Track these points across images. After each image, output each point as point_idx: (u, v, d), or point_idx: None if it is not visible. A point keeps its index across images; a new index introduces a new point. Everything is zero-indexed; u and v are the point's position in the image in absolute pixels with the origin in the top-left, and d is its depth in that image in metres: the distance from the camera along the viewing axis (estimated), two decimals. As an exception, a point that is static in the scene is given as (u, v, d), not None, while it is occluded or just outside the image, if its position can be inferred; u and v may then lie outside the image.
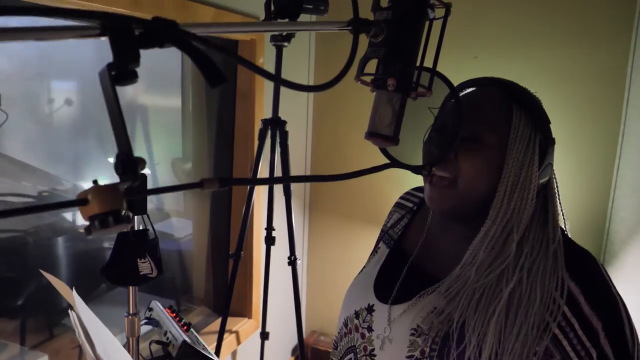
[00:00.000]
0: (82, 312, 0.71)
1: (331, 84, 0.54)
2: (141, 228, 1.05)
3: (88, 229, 0.38)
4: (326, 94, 2.64)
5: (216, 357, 1.21)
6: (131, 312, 1.12)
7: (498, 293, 0.73)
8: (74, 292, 0.78)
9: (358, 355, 0.87)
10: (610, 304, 0.72)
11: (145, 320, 1.24)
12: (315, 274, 2.89)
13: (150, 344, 1.19)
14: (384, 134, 0.67)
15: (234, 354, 2.24)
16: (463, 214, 0.81)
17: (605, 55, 2.05)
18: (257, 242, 2.21)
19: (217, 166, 2.22)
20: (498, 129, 0.77)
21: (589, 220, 2.17)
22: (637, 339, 0.72)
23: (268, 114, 1.83)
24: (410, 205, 1.01)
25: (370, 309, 0.87)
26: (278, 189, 1.88)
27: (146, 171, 2.03)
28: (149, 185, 2.12)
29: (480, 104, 0.79)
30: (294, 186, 2.54)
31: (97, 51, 1.58)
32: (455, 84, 0.80)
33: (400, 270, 0.89)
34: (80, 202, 0.37)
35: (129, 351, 1.14)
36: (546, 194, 0.81)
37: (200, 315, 2.28)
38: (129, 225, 0.39)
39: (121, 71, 0.41)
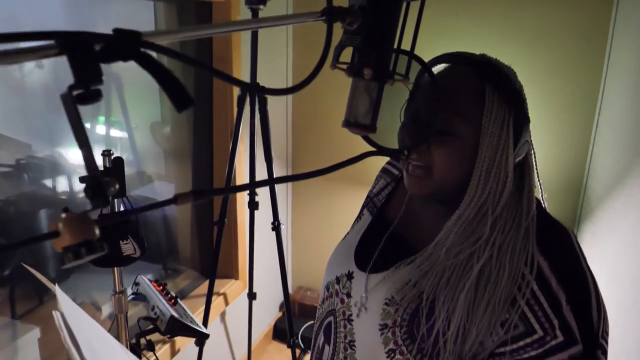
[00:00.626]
0: (67, 310, 0.71)
1: (305, 83, 0.53)
2: (121, 209, 1.04)
3: (62, 260, 0.37)
4: (305, 55, 2.58)
5: (203, 328, 1.24)
6: (117, 290, 1.13)
7: (469, 269, 0.75)
8: (57, 288, 0.78)
9: (337, 319, 0.90)
10: (577, 278, 0.73)
11: (132, 296, 1.25)
12: (301, 233, 2.93)
13: (138, 320, 1.21)
14: (361, 123, 0.66)
15: (222, 314, 2.29)
16: (441, 197, 0.81)
17: (587, 12, 2.02)
18: (240, 207, 2.22)
19: (197, 131, 2.19)
20: (470, 116, 0.75)
21: (567, 176, 2.21)
22: (604, 312, 0.73)
23: (246, 78, 1.80)
24: (396, 172, 1.00)
25: (349, 276, 0.89)
26: (260, 154, 1.87)
27: (122, 136, 1.96)
28: (127, 151, 2.09)
29: (452, 88, 0.76)
30: (275, 148, 2.53)
31: (66, 7, 1.51)
32: (436, 42, 0.78)
33: (381, 238, 0.91)
34: (52, 234, 0.37)
35: (117, 328, 1.15)
36: (523, 171, 0.80)
37: (188, 279, 2.31)
38: (103, 253, 0.39)
39: (83, 92, 0.39)
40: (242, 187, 1.22)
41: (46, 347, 1.59)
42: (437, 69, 0.82)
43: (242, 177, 2.18)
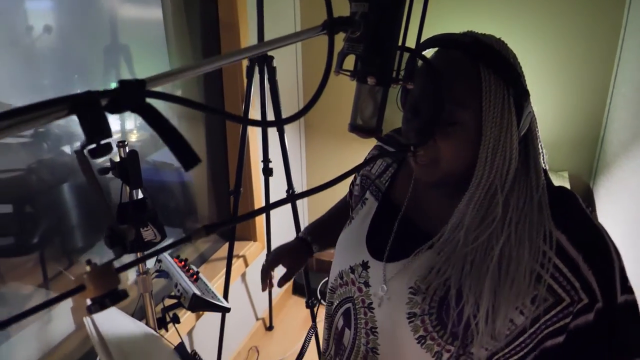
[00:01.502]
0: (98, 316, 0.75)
1: (307, 108, 0.54)
2: (140, 197, 1.08)
3: (89, 309, 0.40)
4: (315, 20, 2.52)
5: (225, 302, 1.30)
6: (141, 271, 1.19)
7: (489, 251, 0.76)
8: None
9: (357, 307, 0.91)
10: (594, 241, 0.75)
11: (156, 274, 1.31)
12: (316, 196, 2.96)
13: (163, 299, 1.27)
14: (366, 127, 0.67)
15: (243, 275, 2.38)
16: (451, 181, 0.82)
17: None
18: (255, 173, 2.25)
19: (207, 96, 2.19)
20: (470, 102, 0.74)
21: (585, 128, 2.18)
22: (623, 266, 0.75)
23: (254, 43, 1.77)
24: (393, 150, 0.99)
25: (365, 266, 0.90)
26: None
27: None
28: (134, 117, 2.09)
29: (448, 77, 0.75)
30: (287, 112, 2.53)
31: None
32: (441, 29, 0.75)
33: (391, 224, 0.91)
34: (78, 289, 0.40)
35: (144, 306, 1.22)
36: (527, 142, 0.80)
37: (208, 242, 2.38)
38: (126, 299, 0.42)
39: (95, 149, 0.41)
40: (258, 212, 1.22)
41: (79, 315, 1.69)
42: (426, 53, 0.80)
43: (255, 144, 2.20)
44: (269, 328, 2.66)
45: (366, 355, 0.91)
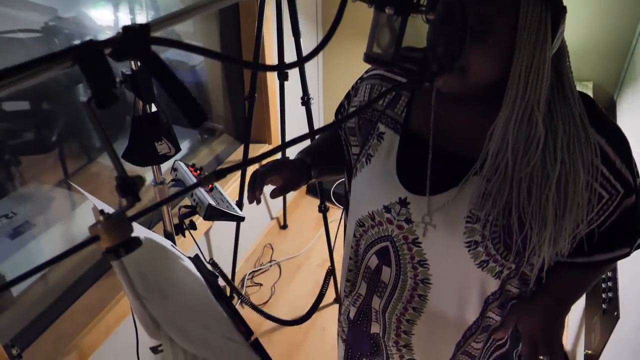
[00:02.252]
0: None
1: (323, 44, 0.51)
2: (153, 110, 1.07)
3: (105, 258, 0.42)
4: None
5: (239, 211, 1.34)
6: (158, 181, 1.22)
7: (546, 180, 0.76)
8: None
9: (397, 244, 0.91)
10: (622, 141, 0.82)
11: (172, 183, 1.34)
12: (332, 103, 2.91)
13: (179, 209, 1.31)
14: (383, 59, 0.65)
15: (258, 177, 2.42)
16: (476, 95, 0.79)
17: None
18: (271, 78, 2.20)
19: None
20: (506, 10, 0.71)
21: (615, 36, 2.06)
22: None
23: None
24: (398, 78, 0.94)
25: (403, 203, 0.87)
26: (287, 27, 1.80)
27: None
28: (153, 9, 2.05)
29: None
30: (304, 10, 2.41)
31: None
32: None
33: (421, 156, 0.87)
34: (93, 239, 0.41)
35: (162, 215, 1.27)
36: (559, 60, 0.77)
37: (223, 144, 2.41)
38: (139, 246, 0.43)
39: (100, 99, 0.40)
40: (270, 153, 1.20)
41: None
42: None
43: (270, 47, 2.13)
44: (283, 227, 2.77)
45: (415, 287, 0.93)
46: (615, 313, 1.29)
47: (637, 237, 0.90)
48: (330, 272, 2.15)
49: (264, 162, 0.78)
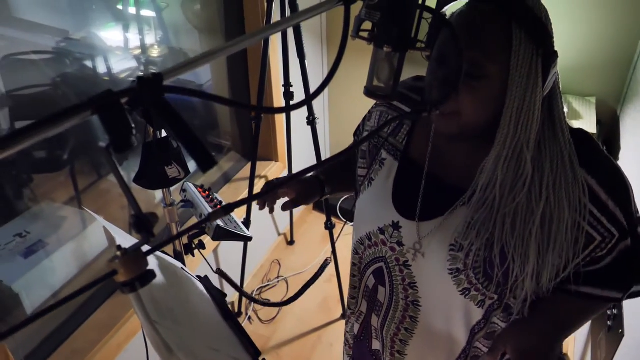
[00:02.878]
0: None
1: (322, 88, 0.54)
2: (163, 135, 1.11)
3: (122, 291, 0.45)
4: None
5: (247, 232, 1.37)
6: (167, 203, 1.25)
7: (530, 215, 0.79)
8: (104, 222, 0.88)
9: (390, 265, 0.94)
10: (618, 181, 0.82)
11: (181, 204, 1.37)
12: (337, 123, 2.94)
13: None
14: (382, 93, 0.68)
15: (265, 194, 2.45)
16: (471, 135, 0.82)
17: None
18: (277, 97, 2.24)
19: (227, 14, 2.14)
20: (498, 56, 0.74)
21: (617, 51, 2.09)
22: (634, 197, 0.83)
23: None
24: (403, 108, 0.97)
25: (396, 226, 0.91)
26: (292, 48, 1.84)
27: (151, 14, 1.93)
28: (160, 28, 2.07)
29: (477, 28, 0.74)
30: (309, 29, 2.45)
31: None
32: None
33: (416, 183, 0.91)
34: (111, 274, 0.44)
35: (170, 235, 1.30)
36: (551, 101, 0.79)
37: (231, 161, 2.44)
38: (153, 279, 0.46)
39: (118, 145, 0.43)
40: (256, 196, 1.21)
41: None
42: (455, 5, 0.79)
43: (276, 67, 2.17)
44: (290, 242, 2.79)
45: (407, 308, 0.96)
46: (620, 330, 1.30)
47: (631, 284, 0.87)
48: (328, 263, 2.17)
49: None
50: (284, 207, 1.01)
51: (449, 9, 0.79)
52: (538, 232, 0.79)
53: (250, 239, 1.36)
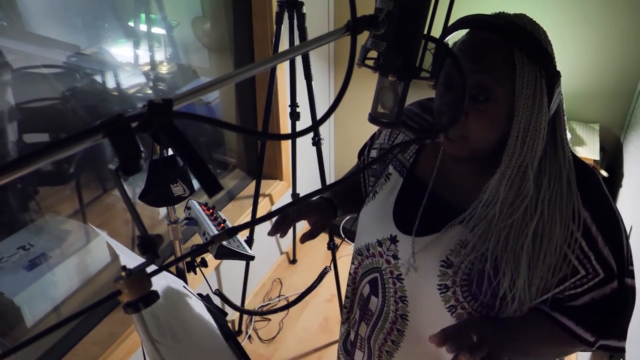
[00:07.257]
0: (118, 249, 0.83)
1: (334, 106, 0.56)
2: (169, 154, 1.12)
3: (125, 311, 0.46)
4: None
5: (249, 251, 1.38)
6: (172, 220, 1.26)
7: (524, 228, 0.80)
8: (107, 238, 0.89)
9: (385, 277, 0.96)
10: (612, 221, 0.82)
11: (185, 221, 1.38)
12: (342, 143, 2.96)
13: (191, 248, 1.35)
14: (386, 120, 0.69)
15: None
16: (479, 157, 0.84)
17: None
18: (283, 117, 2.26)
19: (237, 34, 2.17)
20: (503, 80, 0.76)
21: (621, 79, 2.10)
22: (629, 246, 0.84)
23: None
24: (416, 126, 1.00)
25: (393, 240, 0.94)
26: (300, 69, 1.86)
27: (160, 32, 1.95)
28: (170, 46, 2.10)
29: (481, 54, 0.76)
30: (317, 51, 2.49)
31: None
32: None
33: (418, 200, 0.93)
34: (115, 294, 0.45)
35: (174, 251, 1.31)
36: (555, 121, 0.82)
37: (236, 179, 2.46)
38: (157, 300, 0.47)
39: (127, 167, 0.45)
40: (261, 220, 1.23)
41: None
42: (458, 34, 0.81)
43: (283, 87, 2.19)
44: (292, 261, 2.79)
45: (395, 320, 0.97)
46: (622, 359, 1.29)
47: (607, 333, 0.86)
48: (327, 271, 2.17)
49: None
50: (303, 239, 1.04)
51: (451, 39, 0.82)
52: (530, 246, 0.80)
53: (252, 258, 1.36)
